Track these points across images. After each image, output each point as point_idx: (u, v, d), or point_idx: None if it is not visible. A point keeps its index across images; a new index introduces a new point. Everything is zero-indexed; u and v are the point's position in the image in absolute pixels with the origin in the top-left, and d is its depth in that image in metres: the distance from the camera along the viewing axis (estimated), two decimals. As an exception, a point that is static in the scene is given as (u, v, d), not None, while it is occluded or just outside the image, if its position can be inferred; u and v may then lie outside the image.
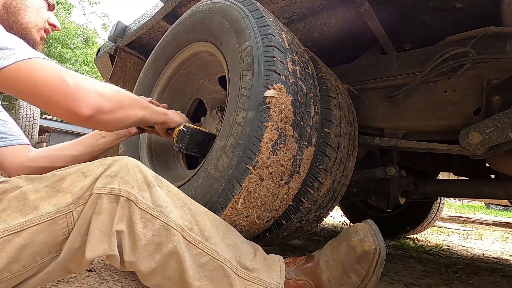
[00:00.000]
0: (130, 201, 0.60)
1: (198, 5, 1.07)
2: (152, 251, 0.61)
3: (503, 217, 6.61)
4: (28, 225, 0.55)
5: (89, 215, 0.59)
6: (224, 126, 0.81)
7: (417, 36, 1.24)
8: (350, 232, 0.71)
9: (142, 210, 0.61)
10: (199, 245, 0.63)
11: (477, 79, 1.07)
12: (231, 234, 0.71)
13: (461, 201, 10.15)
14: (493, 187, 1.42)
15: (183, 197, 0.69)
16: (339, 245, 0.71)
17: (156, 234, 0.61)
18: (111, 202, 0.59)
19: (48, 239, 0.57)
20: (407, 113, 1.22)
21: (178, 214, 0.64)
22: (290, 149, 0.78)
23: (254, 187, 0.74)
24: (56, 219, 0.57)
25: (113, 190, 0.60)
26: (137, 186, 0.62)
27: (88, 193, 0.59)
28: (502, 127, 0.96)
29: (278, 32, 0.85)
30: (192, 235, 0.63)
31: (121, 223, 0.60)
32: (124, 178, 0.61)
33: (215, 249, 0.64)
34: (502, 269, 1.61)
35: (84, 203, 0.59)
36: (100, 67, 2.23)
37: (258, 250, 0.73)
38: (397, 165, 1.46)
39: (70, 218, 0.58)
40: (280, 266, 0.71)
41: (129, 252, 0.60)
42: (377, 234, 0.69)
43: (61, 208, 0.57)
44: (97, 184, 0.60)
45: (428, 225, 2.44)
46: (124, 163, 0.64)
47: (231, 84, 0.85)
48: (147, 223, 0.61)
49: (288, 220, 0.90)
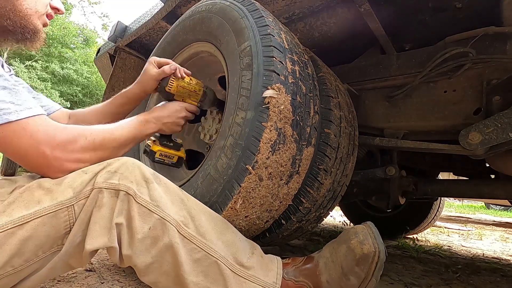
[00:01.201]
0: (129, 195, 0.62)
1: (198, 5, 1.07)
2: (148, 245, 0.63)
3: (503, 217, 6.61)
4: (31, 218, 0.56)
5: (90, 209, 0.60)
6: (224, 126, 0.81)
7: (417, 36, 1.24)
8: (350, 234, 0.71)
9: (140, 204, 0.62)
10: (194, 240, 0.64)
11: (477, 79, 1.07)
12: (228, 231, 0.71)
13: (461, 201, 10.15)
14: (493, 187, 1.42)
15: (180, 194, 0.70)
16: (339, 247, 0.71)
17: (152, 228, 0.62)
18: (111, 197, 0.61)
19: (50, 233, 0.58)
20: (407, 113, 1.22)
21: (174, 209, 0.66)
22: (290, 149, 0.78)
23: (253, 187, 0.74)
24: (58, 211, 0.58)
25: (113, 185, 0.61)
26: (135, 181, 0.64)
27: (89, 188, 0.61)
28: (502, 127, 0.96)
29: (278, 32, 0.85)
30: (187, 230, 0.65)
31: (120, 216, 0.62)
32: (123, 174, 0.63)
33: (210, 245, 0.65)
34: (502, 269, 1.60)
35: (85, 198, 0.60)
36: (100, 67, 2.23)
37: (256, 249, 0.73)
38: (397, 165, 1.46)
39: (71, 212, 0.59)
40: (277, 267, 0.72)
41: (127, 245, 0.62)
42: (376, 236, 0.69)
43: (63, 201, 0.59)
44: (98, 179, 0.61)
45: (428, 225, 2.43)
46: (124, 161, 0.66)
47: (231, 84, 0.85)
48: (144, 217, 0.62)
49: (288, 220, 0.90)
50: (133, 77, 1.91)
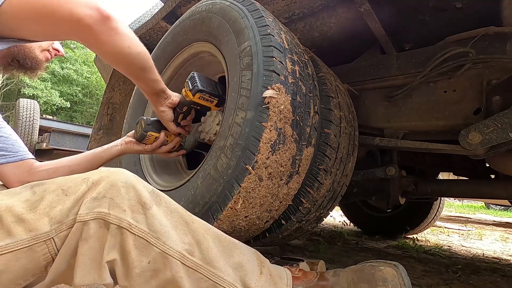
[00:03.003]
0: (122, 229, 0.54)
1: (198, 5, 1.07)
2: (148, 277, 0.56)
3: (503, 217, 6.61)
4: (2, 252, 0.50)
5: (74, 242, 0.54)
6: (223, 126, 0.81)
7: (417, 36, 1.24)
8: (377, 279, 0.64)
9: (136, 236, 0.55)
10: (201, 269, 0.59)
11: (477, 79, 1.07)
12: (236, 252, 0.66)
13: (461, 201, 10.14)
14: (493, 187, 1.43)
15: (184, 215, 0.63)
16: (360, 285, 0.65)
17: (152, 262, 0.56)
18: (99, 227, 0.54)
19: (27, 266, 0.52)
20: (407, 113, 1.22)
21: (178, 237, 0.59)
22: (289, 149, 0.78)
23: (253, 188, 0.74)
24: (33, 246, 0.52)
25: (102, 214, 0.54)
26: (129, 209, 0.55)
27: (71, 218, 0.53)
28: (502, 127, 0.96)
29: (278, 32, 0.85)
30: (193, 260, 0.59)
31: (112, 252, 0.54)
32: (114, 200, 0.55)
33: (218, 273, 0.60)
34: (502, 269, 1.60)
35: (67, 229, 0.53)
36: (100, 67, 2.23)
37: (265, 267, 0.68)
38: (397, 165, 1.46)
39: (51, 245, 0.53)
40: (287, 284, 0.67)
41: (123, 278, 0.56)
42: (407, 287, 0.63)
43: (38, 235, 0.52)
44: (82, 209, 0.54)
45: (428, 225, 2.43)
46: (114, 180, 0.56)
47: (231, 84, 0.85)
48: (142, 250, 0.55)
49: (288, 220, 0.90)
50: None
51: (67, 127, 5.80)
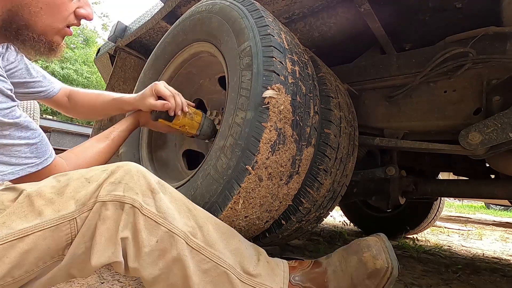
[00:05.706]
0: (134, 208, 0.60)
1: (198, 6, 1.07)
2: (156, 258, 0.61)
3: (503, 217, 6.61)
4: (32, 231, 0.55)
5: (94, 222, 0.59)
6: (223, 126, 0.81)
7: (417, 36, 1.24)
8: (362, 247, 0.69)
9: (147, 217, 0.61)
10: (203, 251, 0.64)
11: (477, 79, 1.07)
12: (234, 239, 0.70)
13: (461, 201, 10.15)
14: (493, 187, 1.42)
15: (187, 203, 0.69)
16: (349, 257, 0.70)
17: (160, 241, 0.61)
18: (116, 209, 0.60)
19: (51, 245, 0.57)
20: (407, 113, 1.22)
21: (182, 220, 0.64)
22: (289, 150, 0.78)
23: (253, 188, 0.74)
24: (59, 225, 0.57)
25: (118, 197, 0.60)
26: (141, 192, 0.62)
27: (92, 200, 0.59)
28: (502, 127, 0.96)
29: (278, 32, 0.85)
30: (195, 241, 0.64)
31: (126, 230, 0.60)
32: (128, 184, 0.62)
33: (219, 255, 0.64)
34: (502, 269, 1.60)
35: (88, 210, 0.59)
36: (100, 67, 2.23)
37: (262, 255, 0.73)
38: (397, 165, 1.46)
39: (73, 225, 0.58)
40: (284, 271, 0.71)
41: (133, 258, 0.61)
42: (390, 251, 0.68)
43: (65, 214, 0.57)
44: (102, 192, 0.60)
45: (428, 225, 2.43)
46: (128, 169, 0.64)
47: (230, 84, 0.85)
48: (151, 230, 0.61)
49: (287, 220, 0.90)
50: (133, 77, 1.91)
51: (67, 127, 5.81)
